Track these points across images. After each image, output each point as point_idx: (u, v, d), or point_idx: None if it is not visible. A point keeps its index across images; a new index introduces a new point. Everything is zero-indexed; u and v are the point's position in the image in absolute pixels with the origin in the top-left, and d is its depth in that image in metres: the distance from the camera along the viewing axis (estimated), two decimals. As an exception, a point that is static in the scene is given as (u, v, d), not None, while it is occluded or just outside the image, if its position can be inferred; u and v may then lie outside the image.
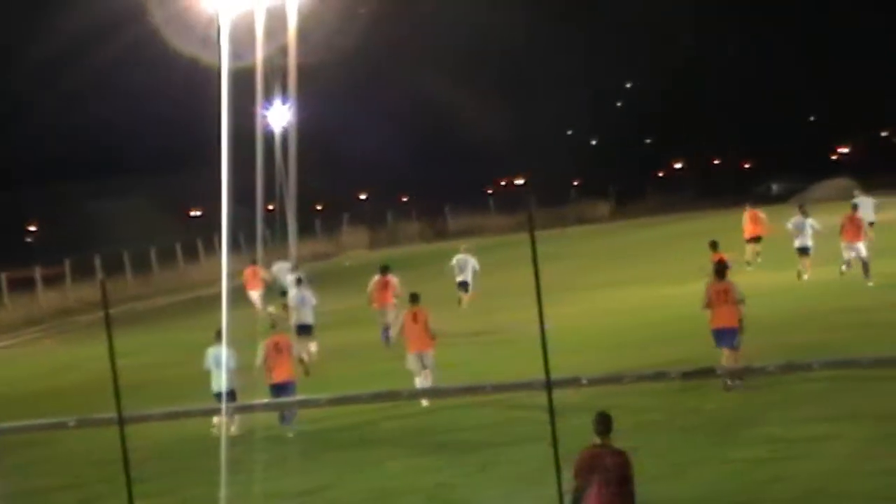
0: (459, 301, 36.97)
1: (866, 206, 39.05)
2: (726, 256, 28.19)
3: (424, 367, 23.29)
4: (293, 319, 30.84)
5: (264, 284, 40.98)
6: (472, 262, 37.74)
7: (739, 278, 24.03)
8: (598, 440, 11.71)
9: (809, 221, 35.93)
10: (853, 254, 33.63)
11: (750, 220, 39.99)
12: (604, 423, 11.71)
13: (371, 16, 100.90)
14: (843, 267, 34.13)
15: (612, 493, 11.45)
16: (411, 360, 23.55)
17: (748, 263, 37.99)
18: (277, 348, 21.91)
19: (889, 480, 14.95)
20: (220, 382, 20.62)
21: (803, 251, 35.59)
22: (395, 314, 28.63)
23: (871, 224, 37.26)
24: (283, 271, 41.03)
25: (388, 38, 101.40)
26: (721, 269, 21.95)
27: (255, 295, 40.65)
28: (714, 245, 29.56)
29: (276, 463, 18.15)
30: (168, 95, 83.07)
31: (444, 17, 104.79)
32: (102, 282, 15.89)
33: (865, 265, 32.92)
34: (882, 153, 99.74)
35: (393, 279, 33.35)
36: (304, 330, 30.59)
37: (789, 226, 36.28)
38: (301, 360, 22.81)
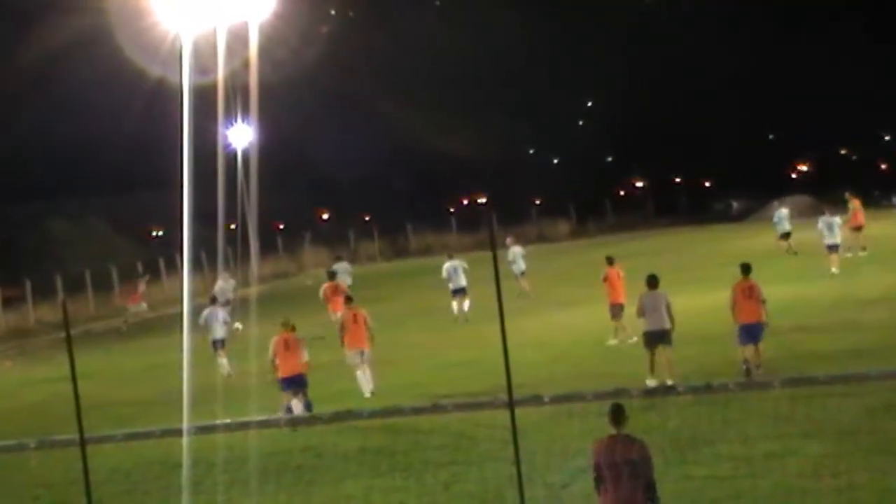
0: (457, 309, 37.66)
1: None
2: (621, 272, 29.31)
3: (363, 361, 25.28)
4: (209, 335, 32.99)
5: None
6: (462, 267, 38.66)
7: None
8: (613, 430, 11.95)
9: (837, 220, 40.15)
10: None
11: None
12: (615, 414, 12.00)
13: (333, 35, 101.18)
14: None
15: (627, 479, 11.69)
16: (351, 355, 25.64)
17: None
18: (286, 344, 23.35)
19: (847, 497, 15.01)
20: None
21: (832, 248, 39.36)
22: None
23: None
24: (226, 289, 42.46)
25: (351, 57, 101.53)
26: (746, 268, 23.98)
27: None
28: (610, 260, 31.09)
29: (235, 484, 18.06)
30: (129, 114, 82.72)
31: (407, 37, 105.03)
32: (63, 302, 15.82)
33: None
34: (841, 170, 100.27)
35: (342, 284, 37.79)
36: (217, 344, 32.73)
37: (820, 226, 40.12)
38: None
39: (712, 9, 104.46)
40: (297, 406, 23.28)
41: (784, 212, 48.25)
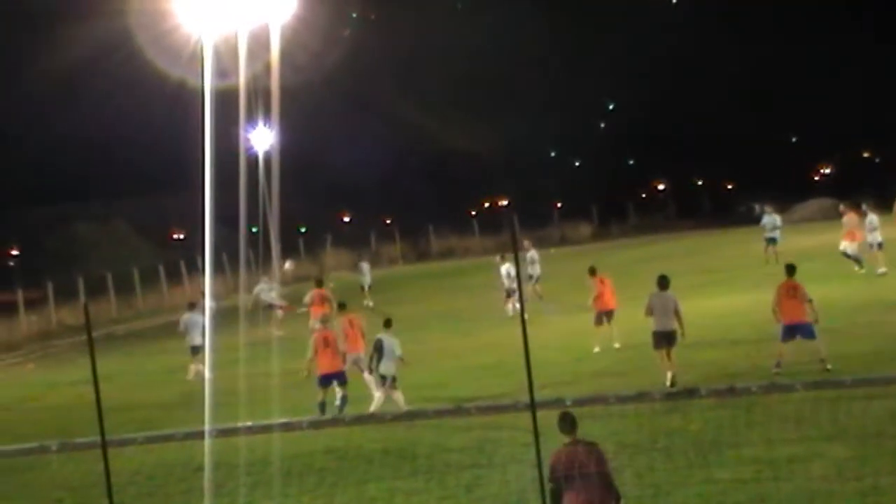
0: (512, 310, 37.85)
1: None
2: (606, 279, 29.24)
3: (360, 369, 25.24)
4: (187, 341, 34.05)
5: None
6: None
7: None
8: (567, 439, 11.99)
9: (873, 217, 39.49)
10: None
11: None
12: (568, 422, 12.05)
13: (354, 38, 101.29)
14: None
15: (592, 484, 11.74)
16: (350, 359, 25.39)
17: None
18: (325, 342, 23.33)
19: (871, 500, 14.95)
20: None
21: (879, 246, 38.83)
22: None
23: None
24: (265, 291, 42.92)
25: (372, 60, 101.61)
26: (791, 268, 24.53)
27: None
28: (592, 270, 31.10)
29: (258, 486, 18.07)
30: (152, 118, 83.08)
31: (428, 40, 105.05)
32: (85, 305, 15.84)
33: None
34: (863, 173, 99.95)
35: (328, 292, 38.07)
36: (194, 350, 33.66)
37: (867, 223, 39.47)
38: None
39: (734, 11, 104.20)
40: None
41: (775, 219, 46.87)
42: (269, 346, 33.74)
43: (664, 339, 24.33)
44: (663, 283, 24.76)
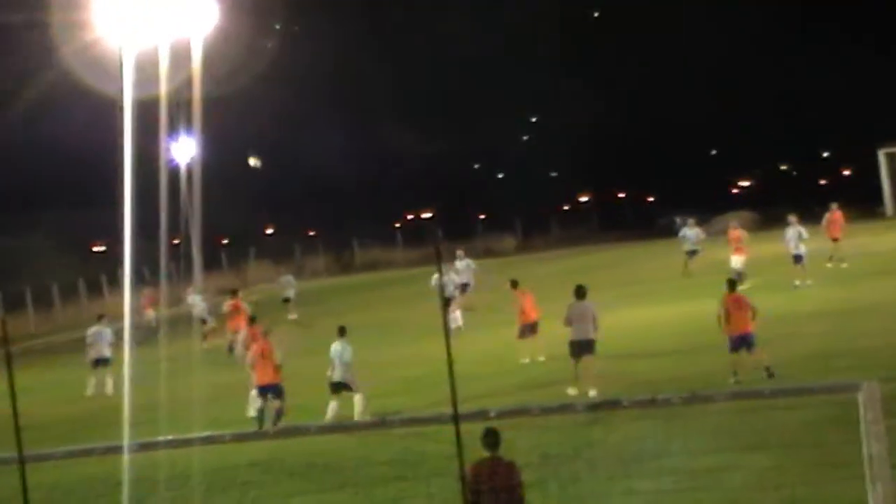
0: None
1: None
2: (531, 296, 29.78)
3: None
4: (91, 354, 34.28)
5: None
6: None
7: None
8: (487, 454, 12.30)
9: (801, 230, 39.30)
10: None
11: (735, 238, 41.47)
12: (492, 438, 12.40)
13: (278, 49, 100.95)
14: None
15: (504, 499, 12.11)
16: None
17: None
18: (262, 354, 23.35)
19: (790, 509, 15.09)
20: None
21: (798, 259, 38.90)
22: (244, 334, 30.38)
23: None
24: (197, 303, 42.99)
25: (296, 72, 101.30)
26: (732, 283, 25.00)
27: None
28: (514, 283, 31.17)
29: (179, 500, 17.93)
30: (72, 131, 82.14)
31: (349, 52, 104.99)
32: (3, 320, 15.61)
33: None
34: (782, 186, 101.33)
35: (242, 303, 38.30)
36: (96, 363, 33.92)
37: (788, 235, 39.33)
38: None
39: (657, 29, 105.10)
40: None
41: (697, 232, 46.76)
42: (191, 358, 33.57)
43: (582, 348, 24.58)
44: (580, 292, 25.11)
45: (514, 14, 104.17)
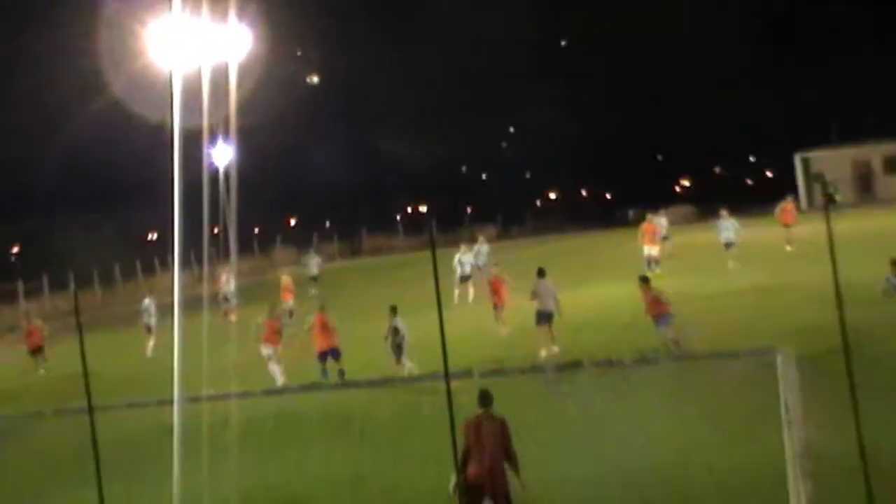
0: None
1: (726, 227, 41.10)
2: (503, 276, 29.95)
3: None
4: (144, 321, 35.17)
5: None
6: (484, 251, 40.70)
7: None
8: (480, 411, 12.37)
9: (732, 221, 39.33)
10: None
11: (648, 230, 40.87)
12: (485, 397, 12.49)
13: (302, 70, 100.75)
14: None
15: (494, 451, 12.10)
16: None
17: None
18: (322, 324, 23.95)
19: (717, 454, 15.13)
20: None
21: (728, 245, 38.82)
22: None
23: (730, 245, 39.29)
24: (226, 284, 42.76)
25: (315, 91, 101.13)
26: (646, 279, 24.44)
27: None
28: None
29: (218, 445, 17.98)
30: (133, 140, 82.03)
31: (360, 64, 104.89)
32: (75, 294, 15.70)
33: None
34: (715, 185, 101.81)
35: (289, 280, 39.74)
36: (150, 329, 34.80)
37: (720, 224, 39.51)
38: None
39: (615, 52, 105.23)
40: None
41: (662, 221, 45.39)
42: (228, 330, 33.58)
43: (545, 317, 25.56)
44: (541, 273, 26.35)
45: (489, 43, 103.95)
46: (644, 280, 24.33)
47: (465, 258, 38.55)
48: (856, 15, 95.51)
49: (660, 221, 44.74)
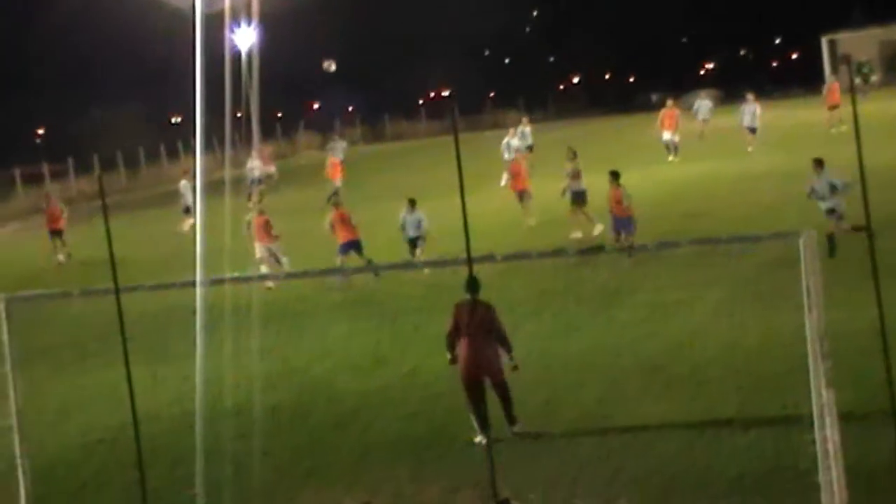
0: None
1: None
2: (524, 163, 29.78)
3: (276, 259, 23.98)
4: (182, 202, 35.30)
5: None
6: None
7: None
8: (468, 297, 12.33)
9: (756, 107, 38.83)
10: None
11: (667, 116, 40.04)
12: (473, 284, 12.28)
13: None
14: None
15: (481, 335, 12.23)
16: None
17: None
18: (341, 218, 23.09)
19: (736, 334, 15.21)
20: None
21: (753, 130, 38.51)
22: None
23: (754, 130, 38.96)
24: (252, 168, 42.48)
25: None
26: (615, 174, 22.94)
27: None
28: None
29: (241, 326, 18.12)
30: (154, 20, 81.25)
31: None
32: (100, 176, 15.63)
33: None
34: (740, 67, 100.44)
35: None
36: (187, 210, 34.71)
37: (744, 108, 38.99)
38: None
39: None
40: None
41: (706, 103, 44.60)
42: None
43: (580, 197, 25.72)
44: (573, 156, 26.62)
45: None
46: (614, 175, 22.82)
47: (512, 141, 38.54)
48: None
49: (703, 104, 44.08)
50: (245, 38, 58.93)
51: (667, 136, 39.29)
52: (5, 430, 11.42)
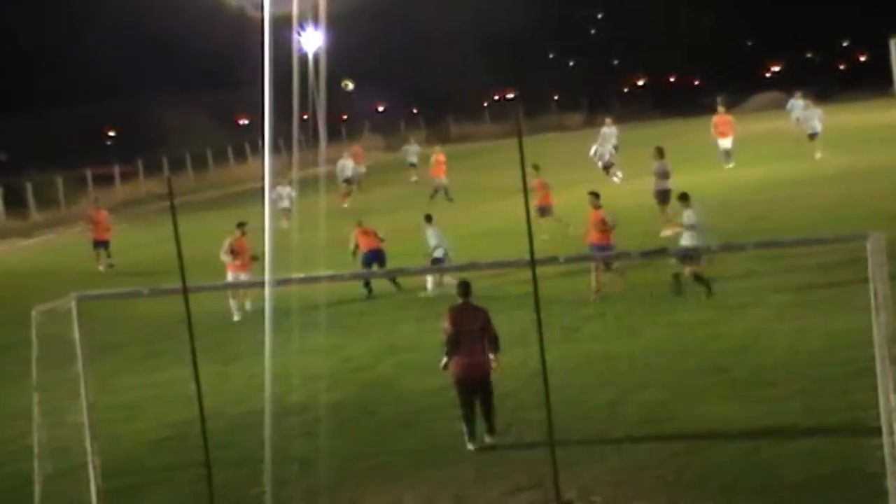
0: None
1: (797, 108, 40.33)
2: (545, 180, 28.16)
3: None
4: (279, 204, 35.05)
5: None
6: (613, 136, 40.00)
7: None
8: (461, 300, 12.69)
9: (818, 111, 37.94)
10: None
11: (720, 122, 38.94)
12: (464, 288, 12.73)
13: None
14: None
15: (475, 337, 12.47)
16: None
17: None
18: (364, 232, 22.97)
19: (800, 337, 15.06)
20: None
21: (813, 136, 37.27)
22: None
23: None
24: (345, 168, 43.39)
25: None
26: (595, 195, 20.31)
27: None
28: (536, 168, 28.08)
29: (308, 325, 18.22)
30: (221, 24, 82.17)
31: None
32: (168, 177, 15.84)
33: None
34: (806, 71, 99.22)
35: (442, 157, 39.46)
36: (286, 211, 34.65)
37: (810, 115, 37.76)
38: None
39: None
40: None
41: (799, 103, 41.46)
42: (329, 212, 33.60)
43: (662, 196, 25.74)
44: (659, 153, 26.66)
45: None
46: (594, 196, 20.18)
47: (601, 149, 38.11)
48: None
49: (796, 104, 41.53)
50: (312, 40, 59.34)
51: (721, 143, 37.67)
52: (77, 427, 11.58)
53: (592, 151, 38.32)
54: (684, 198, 19.05)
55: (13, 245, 43.43)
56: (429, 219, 22.53)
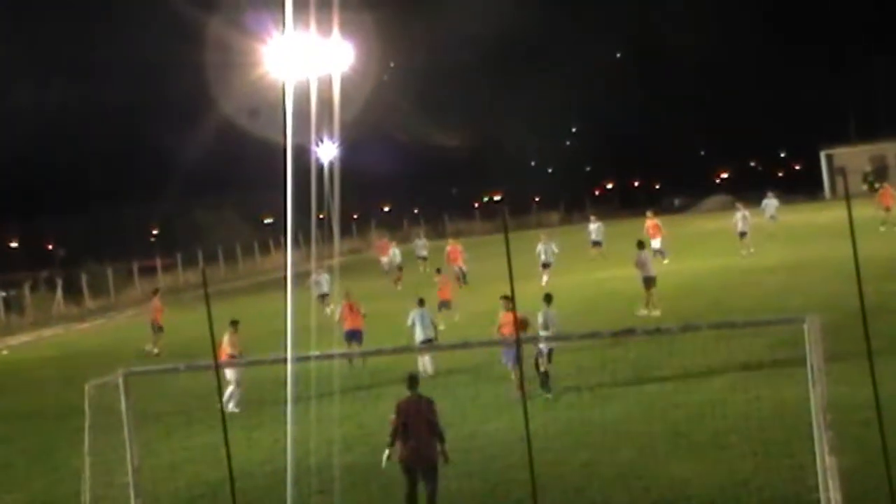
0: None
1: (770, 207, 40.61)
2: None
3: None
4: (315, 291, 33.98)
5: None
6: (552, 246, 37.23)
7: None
8: (409, 392, 11.91)
9: (746, 213, 37.31)
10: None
11: (650, 226, 38.43)
12: (412, 380, 12.06)
13: (391, 82, 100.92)
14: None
15: (422, 427, 11.66)
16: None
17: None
18: (350, 308, 22.87)
19: (751, 405, 14.99)
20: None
21: (743, 235, 36.93)
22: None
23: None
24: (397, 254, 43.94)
25: (399, 97, 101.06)
26: (507, 297, 17.48)
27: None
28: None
29: (323, 396, 18.20)
30: (248, 138, 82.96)
31: (435, 72, 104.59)
32: (203, 269, 15.95)
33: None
34: (751, 177, 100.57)
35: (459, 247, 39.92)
36: (322, 297, 33.66)
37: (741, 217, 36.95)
38: None
39: (661, 59, 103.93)
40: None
41: (773, 202, 41.31)
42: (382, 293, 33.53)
43: (650, 282, 25.69)
44: (642, 245, 26.76)
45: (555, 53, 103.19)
46: (506, 298, 17.41)
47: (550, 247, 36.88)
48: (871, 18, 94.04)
49: (770, 203, 41.14)
50: (327, 152, 59.95)
51: (655, 243, 36.86)
52: (124, 486, 11.51)
53: (538, 250, 37.22)
54: (547, 298, 18.35)
55: (70, 328, 43.52)
56: (421, 302, 21.65)
